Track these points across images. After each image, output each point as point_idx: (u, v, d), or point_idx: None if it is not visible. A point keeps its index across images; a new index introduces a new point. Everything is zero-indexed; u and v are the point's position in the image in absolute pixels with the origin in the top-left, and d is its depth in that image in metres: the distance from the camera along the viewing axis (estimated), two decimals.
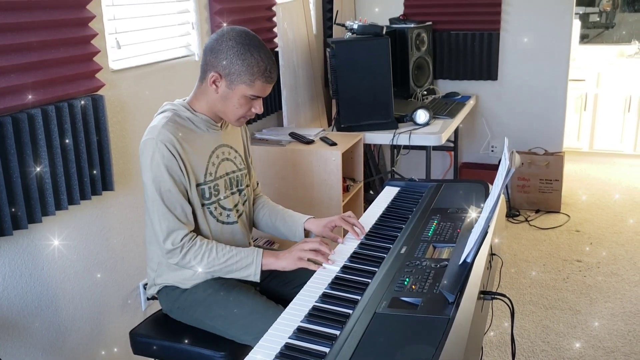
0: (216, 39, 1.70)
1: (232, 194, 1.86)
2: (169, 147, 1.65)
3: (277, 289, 1.90)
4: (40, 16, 1.82)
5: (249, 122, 3.00)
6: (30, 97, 1.81)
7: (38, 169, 1.84)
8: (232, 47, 1.66)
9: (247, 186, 1.94)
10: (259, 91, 1.71)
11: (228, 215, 1.83)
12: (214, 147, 1.80)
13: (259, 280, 1.72)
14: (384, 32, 3.24)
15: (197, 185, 1.74)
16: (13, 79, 1.75)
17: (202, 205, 1.76)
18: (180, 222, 1.68)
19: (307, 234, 1.94)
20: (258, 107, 1.76)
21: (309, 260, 1.68)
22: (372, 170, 4.13)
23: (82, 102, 1.98)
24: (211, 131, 1.80)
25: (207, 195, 1.76)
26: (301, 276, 1.82)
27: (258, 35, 1.73)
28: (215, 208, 1.79)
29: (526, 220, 4.08)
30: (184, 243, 1.68)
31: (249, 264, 1.70)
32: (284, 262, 1.71)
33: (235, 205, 1.87)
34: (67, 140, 1.93)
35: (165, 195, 1.67)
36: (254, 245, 1.88)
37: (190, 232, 1.71)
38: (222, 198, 1.81)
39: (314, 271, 1.61)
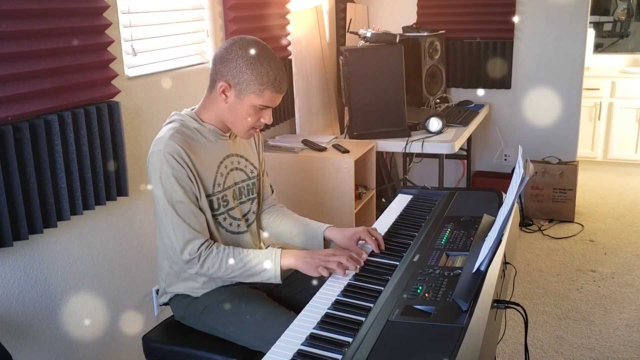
0: (226, 48, 1.68)
1: (242, 203, 1.85)
2: (177, 158, 1.64)
3: (289, 296, 1.89)
4: (57, 23, 1.85)
5: (261, 130, 3.01)
6: (47, 103, 1.83)
7: (54, 174, 1.86)
8: (242, 57, 1.64)
9: (259, 194, 1.93)
10: (268, 101, 1.69)
11: (238, 225, 1.83)
12: (222, 158, 1.79)
13: (280, 282, 1.70)
14: (397, 40, 3.24)
15: (207, 196, 1.73)
16: (30, 85, 1.78)
17: (212, 215, 1.75)
18: (195, 232, 1.67)
19: (327, 243, 1.88)
20: (267, 118, 1.74)
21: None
22: (385, 178, 4.13)
23: (98, 109, 2.00)
24: (219, 141, 1.78)
25: (215, 206, 1.75)
26: (314, 285, 1.82)
27: (271, 43, 1.73)
28: (225, 218, 1.79)
29: (540, 229, 4.05)
30: (201, 252, 1.67)
31: (268, 267, 1.69)
32: (303, 264, 1.67)
33: (245, 215, 1.87)
34: (82, 146, 1.95)
35: (177, 206, 1.66)
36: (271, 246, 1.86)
37: (207, 240, 1.70)
38: (231, 208, 1.80)
39: (327, 279, 1.60)
